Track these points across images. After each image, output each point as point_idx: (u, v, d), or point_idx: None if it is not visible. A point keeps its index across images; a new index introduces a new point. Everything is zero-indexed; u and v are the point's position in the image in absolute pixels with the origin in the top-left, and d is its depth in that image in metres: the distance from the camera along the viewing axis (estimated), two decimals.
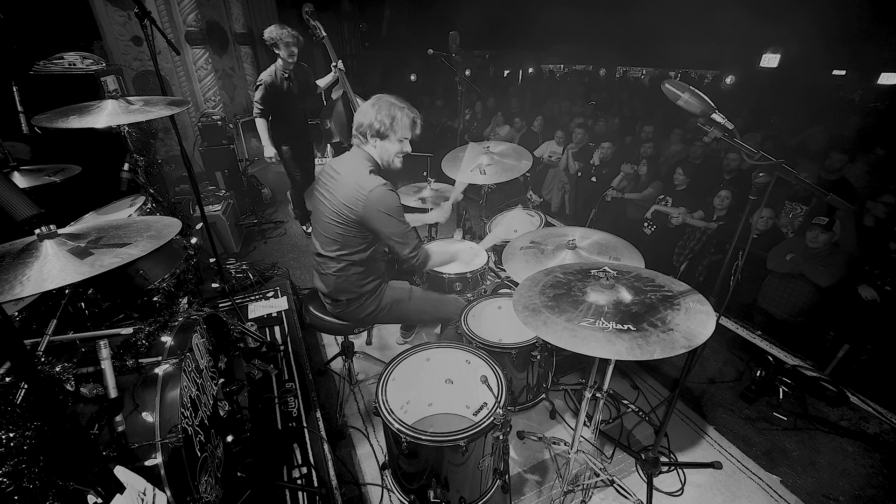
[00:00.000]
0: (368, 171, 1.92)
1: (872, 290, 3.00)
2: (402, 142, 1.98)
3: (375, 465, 2.26)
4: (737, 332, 3.29)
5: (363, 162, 1.95)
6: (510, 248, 2.15)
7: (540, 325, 1.38)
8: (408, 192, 3.21)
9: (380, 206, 1.87)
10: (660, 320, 1.35)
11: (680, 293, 1.49)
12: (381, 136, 1.93)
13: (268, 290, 3.53)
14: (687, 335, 1.29)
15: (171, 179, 4.92)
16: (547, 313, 1.42)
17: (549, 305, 1.46)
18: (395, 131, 1.92)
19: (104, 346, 1.35)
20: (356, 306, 2.15)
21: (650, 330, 1.31)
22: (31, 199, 1.18)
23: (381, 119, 1.89)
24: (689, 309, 1.40)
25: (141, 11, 2.26)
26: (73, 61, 3.99)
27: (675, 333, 1.29)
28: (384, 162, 2.01)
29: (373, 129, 1.91)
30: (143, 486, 1.20)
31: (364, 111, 1.93)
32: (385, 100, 1.93)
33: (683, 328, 1.31)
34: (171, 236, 1.44)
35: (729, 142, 1.57)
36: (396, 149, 1.98)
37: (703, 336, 1.29)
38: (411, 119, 1.95)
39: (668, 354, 1.22)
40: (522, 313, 1.45)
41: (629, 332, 1.30)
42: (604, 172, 5.21)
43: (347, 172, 1.94)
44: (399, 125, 1.92)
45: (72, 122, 1.93)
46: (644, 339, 1.27)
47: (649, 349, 1.23)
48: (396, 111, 1.91)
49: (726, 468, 2.26)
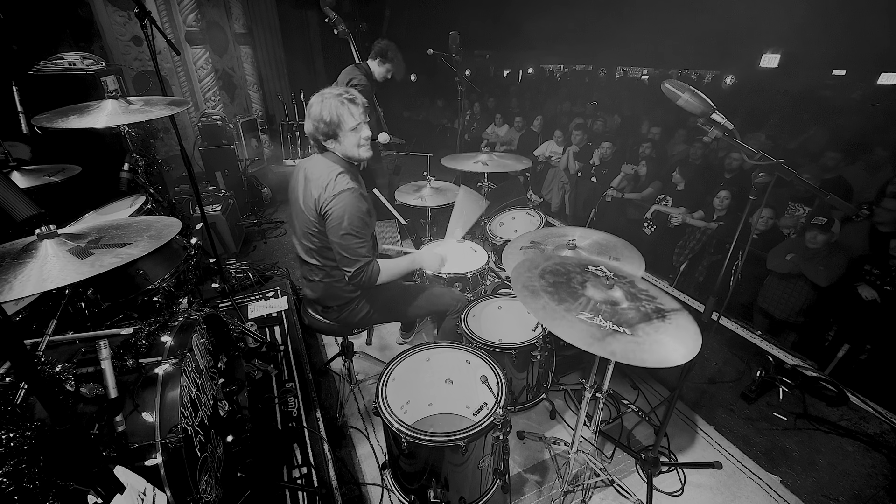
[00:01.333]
0: (338, 173, 1.82)
1: (872, 290, 3.00)
2: (357, 129, 1.83)
3: (375, 465, 2.26)
4: (737, 332, 3.29)
5: (332, 165, 1.86)
6: (510, 248, 2.15)
7: (539, 309, 1.37)
8: (408, 190, 3.22)
9: (339, 209, 1.77)
10: (652, 330, 1.35)
11: (672, 310, 1.47)
12: (332, 137, 1.84)
13: (268, 290, 3.53)
14: (674, 350, 1.29)
15: (171, 179, 4.91)
16: (546, 298, 1.41)
17: (548, 290, 1.45)
18: (341, 126, 1.80)
19: (104, 346, 1.35)
20: (348, 311, 2.13)
21: (643, 338, 1.30)
22: (31, 199, 1.18)
23: (323, 119, 1.79)
24: (679, 326, 1.39)
25: (141, 11, 2.25)
26: (73, 61, 3.99)
27: (666, 346, 1.29)
28: (352, 158, 1.91)
29: (321, 133, 1.83)
30: (143, 486, 1.20)
31: (308, 116, 1.83)
32: (321, 97, 1.81)
33: (672, 345, 1.31)
34: (171, 236, 1.44)
35: (729, 141, 1.57)
36: (354, 140, 1.84)
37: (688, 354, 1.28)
38: (350, 102, 1.78)
39: (659, 366, 1.22)
40: (521, 292, 1.44)
41: (624, 334, 1.30)
42: (604, 172, 5.22)
43: (318, 175, 1.84)
44: (342, 118, 1.79)
45: (72, 122, 1.93)
46: (638, 345, 1.27)
47: (640, 356, 1.23)
48: (334, 104, 1.77)
49: (726, 468, 2.26)
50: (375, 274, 1.93)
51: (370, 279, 1.92)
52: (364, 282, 1.91)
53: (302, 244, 2.02)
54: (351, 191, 1.80)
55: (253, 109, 7.42)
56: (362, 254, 1.86)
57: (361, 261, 1.87)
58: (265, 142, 7.33)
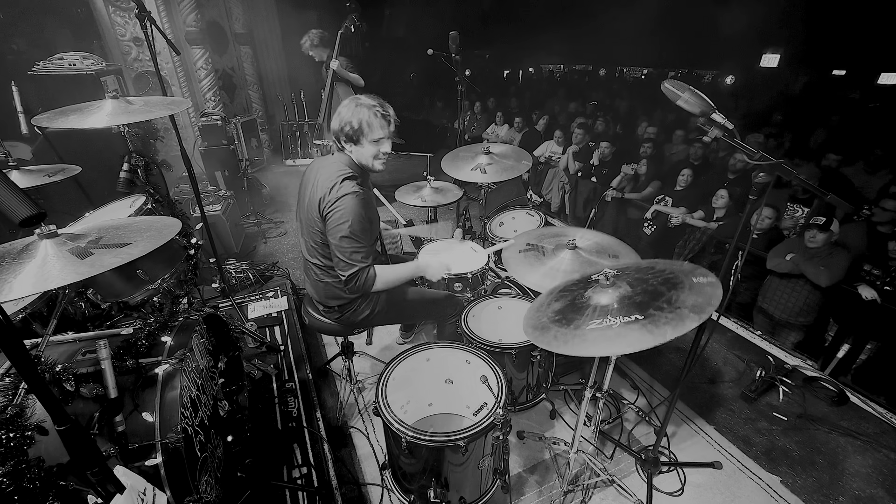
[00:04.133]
0: (344, 176, 1.83)
1: (872, 290, 3.00)
2: (378, 142, 1.87)
3: (375, 465, 2.26)
4: (737, 332, 3.29)
5: (341, 167, 1.88)
6: (510, 249, 2.14)
7: (551, 340, 1.36)
8: (408, 191, 3.21)
9: (340, 212, 1.79)
10: (665, 302, 1.32)
11: (682, 271, 1.46)
12: (354, 142, 1.87)
13: (268, 290, 3.53)
14: (695, 308, 1.27)
15: (172, 179, 4.91)
16: (556, 328, 1.39)
17: (555, 320, 1.44)
18: (365, 135, 1.84)
19: (104, 346, 1.35)
20: (350, 311, 2.13)
21: (657, 314, 1.28)
22: (31, 199, 1.17)
23: (351, 123, 1.82)
24: (693, 284, 1.37)
25: (141, 11, 2.25)
26: (73, 61, 3.99)
27: (682, 310, 1.27)
28: (365, 166, 1.95)
29: (345, 134, 1.86)
30: (143, 486, 1.20)
31: (338, 115, 1.87)
32: (353, 103, 1.85)
33: (691, 303, 1.29)
34: (171, 236, 1.44)
35: (729, 141, 1.57)
36: (372, 151, 1.89)
37: (711, 306, 1.26)
38: (382, 117, 1.84)
39: (680, 333, 1.20)
40: (532, 334, 1.44)
41: (636, 321, 1.28)
42: (604, 172, 5.22)
43: (326, 176, 1.86)
44: (370, 127, 1.83)
45: (72, 122, 1.93)
46: (653, 324, 1.25)
47: (660, 332, 1.21)
48: (365, 113, 1.81)
49: (726, 468, 2.26)
50: (371, 280, 1.92)
51: (365, 285, 1.91)
52: (358, 287, 1.91)
53: (306, 242, 2.03)
54: (355, 195, 1.81)
55: (253, 109, 7.41)
56: (358, 259, 1.86)
57: (356, 266, 1.86)
58: (265, 142, 7.33)
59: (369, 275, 1.91)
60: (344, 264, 1.86)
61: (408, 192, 3.19)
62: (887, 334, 2.90)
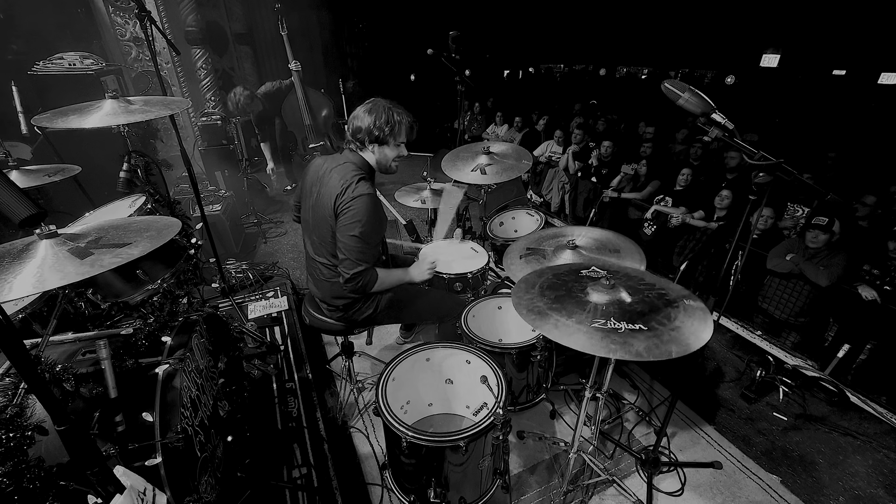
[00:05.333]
0: (359, 177, 1.87)
1: (872, 290, 3.00)
2: (400, 146, 1.97)
3: (375, 465, 2.26)
4: (737, 332, 3.29)
5: (356, 168, 1.91)
6: (510, 251, 2.14)
7: (551, 329, 1.35)
8: (408, 191, 3.21)
9: (354, 211, 1.81)
10: (665, 318, 1.33)
11: (674, 292, 1.47)
12: (379, 142, 1.92)
13: (268, 290, 3.53)
14: (693, 333, 1.27)
15: (171, 179, 4.91)
16: (555, 316, 1.39)
17: (553, 308, 1.44)
18: (394, 137, 1.91)
19: (104, 345, 1.35)
20: (353, 310, 2.14)
21: (660, 329, 1.28)
22: (31, 199, 1.17)
23: (381, 125, 1.87)
24: (686, 307, 1.39)
25: (141, 11, 2.25)
26: (73, 61, 3.99)
27: (682, 331, 1.28)
28: (382, 167, 2.00)
29: (372, 136, 1.89)
30: (143, 486, 1.20)
31: (360, 116, 1.90)
32: (381, 104, 1.90)
33: (687, 327, 1.30)
34: (171, 236, 1.44)
35: (729, 141, 1.57)
36: (394, 153, 1.97)
37: (704, 335, 1.27)
38: (409, 123, 1.94)
39: (684, 353, 1.20)
40: (528, 317, 1.42)
41: (641, 331, 1.28)
42: (603, 172, 5.22)
43: (341, 175, 1.88)
44: (398, 131, 1.91)
45: (72, 122, 1.92)
46: (658, 338, 1.25)
47: (666, 349, 1.21)
48: (395, 116, 1.89)
49: (726, 468, 2.26)
50: (373, 282, 1.96)
51: (366, 286, 1.94)
52: (359, 287, 1.93)
53: (312, 241, 2.04)
54: (370, 196, 1.85)
55: None
56: (364, 259, 1.89)
57: (361, 266, 1.89)
58: None
59: (371, 276, 1.94)
60: (349, 262, 1.88)
61: (408, 192, 3.19)
62: (887, 334, 2.90)
